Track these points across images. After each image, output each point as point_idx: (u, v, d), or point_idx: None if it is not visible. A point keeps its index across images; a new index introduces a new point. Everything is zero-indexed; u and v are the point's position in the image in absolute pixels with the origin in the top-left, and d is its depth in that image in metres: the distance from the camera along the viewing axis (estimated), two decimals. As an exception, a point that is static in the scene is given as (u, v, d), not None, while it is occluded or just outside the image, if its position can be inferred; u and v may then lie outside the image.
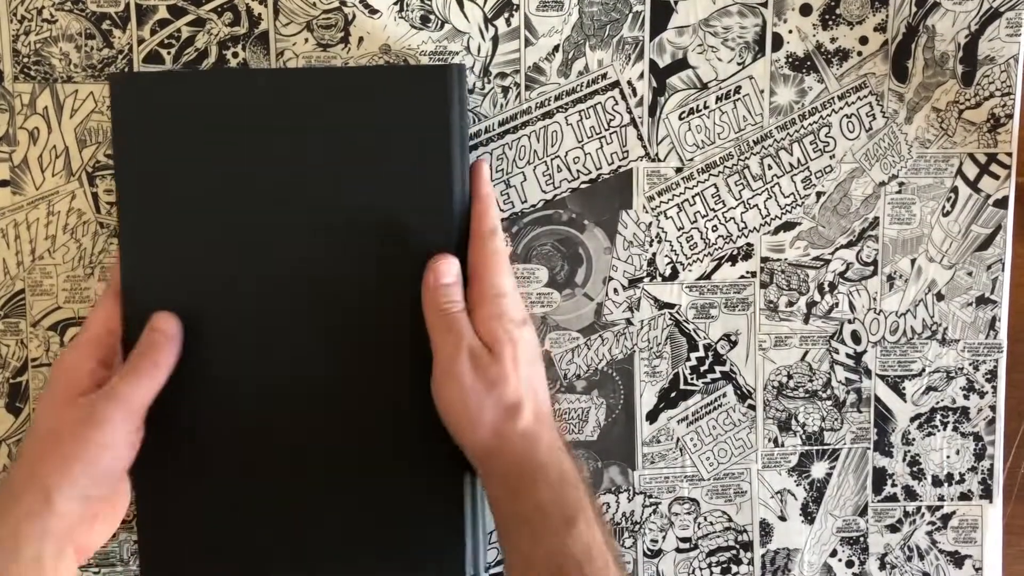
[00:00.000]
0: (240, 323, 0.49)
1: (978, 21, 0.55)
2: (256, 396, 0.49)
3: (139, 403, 0.45)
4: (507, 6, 0.54)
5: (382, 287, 0.48)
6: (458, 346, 0.46)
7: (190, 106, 0.48)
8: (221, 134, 0.48)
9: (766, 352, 0.57)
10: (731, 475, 0.57)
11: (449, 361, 0.46)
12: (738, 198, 0.56)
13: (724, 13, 0.55)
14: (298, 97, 0.48)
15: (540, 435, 0.45)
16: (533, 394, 0.47)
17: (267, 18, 0.54)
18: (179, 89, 0.49)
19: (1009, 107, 0.56)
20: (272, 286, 0.49)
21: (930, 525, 0.58)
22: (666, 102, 0.55)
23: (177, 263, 0.49)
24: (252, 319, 0.49)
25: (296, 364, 0.49)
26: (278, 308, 0.49)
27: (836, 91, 0.56)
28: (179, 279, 0.49)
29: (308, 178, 0.48)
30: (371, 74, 0.51)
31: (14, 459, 0.54)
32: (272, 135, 0.48)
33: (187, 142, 0.48)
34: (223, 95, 0.49)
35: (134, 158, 0.49)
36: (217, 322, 0.49)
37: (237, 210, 0.49)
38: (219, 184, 0.48)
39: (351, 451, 0.49)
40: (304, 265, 0.49)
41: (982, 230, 0.57)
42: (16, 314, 0.54)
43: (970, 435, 0.58)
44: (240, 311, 0.49)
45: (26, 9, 0.53)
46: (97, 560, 0.56)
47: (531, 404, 0.46)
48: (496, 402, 0.45)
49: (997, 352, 0.58)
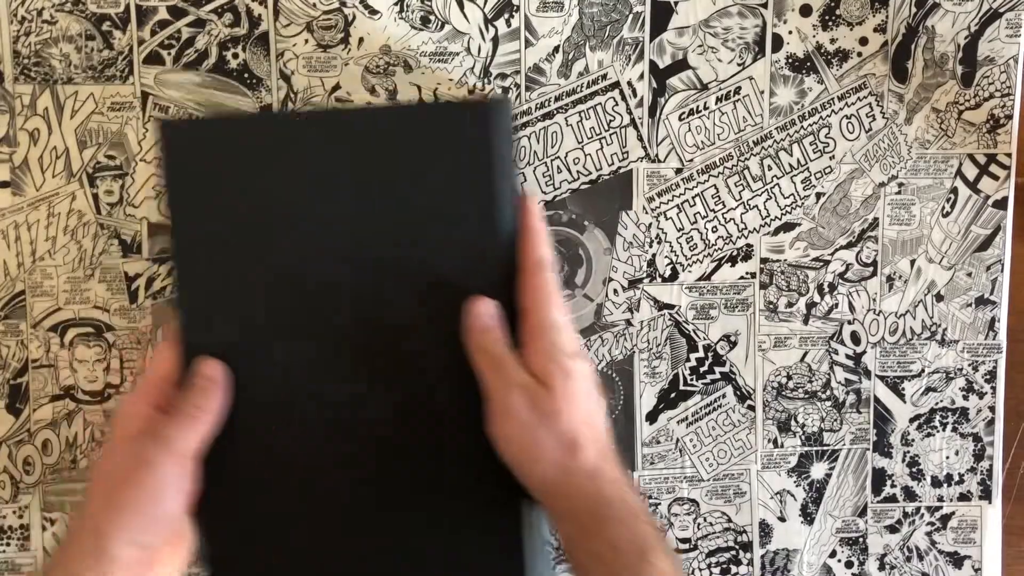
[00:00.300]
0: (295, 364, 0.48)
1: (978, 22, 0.55)
2: (312, 436, 0.48)
3: (186, 447, 0.45)
4: (507, 7, 0.54)
5: (431, 323, 0.48)
6: (509, 384, 0.45)
7: (238, 148, 0.48)
8: (268, 176, 0.48)
9: (766, 353, 0.57)
10: (731, 476, 0.58)
11: (503, 399, 0.45)
12: (738, 199, 0.56)
13: (724, 14, 0.55)
14: (343, 138, 0.48)
15: (604, 470, 0.45)
16: (591, 428, 0.46)
17: (267, 19, 0.54)
18: (228, 132, 0.49)
19: (1009, 108, 0.56)
20: (324, 325, 0.48)
21: (929, 526, 0.59)
22: (666, 103, 0.55)
23: (231, 306, 0.48)
24: (306, 360, 0.48)
25: (350, 402, 0.48)
26: (331, 347, 0.48)
27: (836, 92, 0.56)
28: (233, 322, 0.48)
29: (356, 217, 0.48)
30: (416, 112, 0.51)
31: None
32: (319, 176, 0.48)
33: (237, 185, 0.48)
34: (268, 137, 0.48)
35: (187, 204, 0.48)
36: (272, 364, 0.48)
37: (287, 251, 0.48)
38: (269, 226, 0.48)
39: (408, 486, 0.49)
40: (355, 303, 0.48)
41: (981, 231, 0.57)
42: (16, 315, 0.54)
43: (969, 436, 0.58)
44: (295, 352, 0.48)
45: (26, 10, 0.53)
46: (97, 560, 0.56)
47: (591, 438, 0.45)
48: (554, 436, 0.44)
49: (996, 353, 0.58)
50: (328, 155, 0.48)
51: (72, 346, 0.55)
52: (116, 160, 0.54)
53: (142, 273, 0.55)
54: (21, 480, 0.55)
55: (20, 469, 0.55)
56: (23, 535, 0.56)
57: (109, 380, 0.55)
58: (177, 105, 0.54)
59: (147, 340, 0.55)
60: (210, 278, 0.48)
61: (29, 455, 0.55)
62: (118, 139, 0.54)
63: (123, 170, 0.54)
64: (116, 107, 0.54)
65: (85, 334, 0.55)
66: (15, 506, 0.56)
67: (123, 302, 0.55)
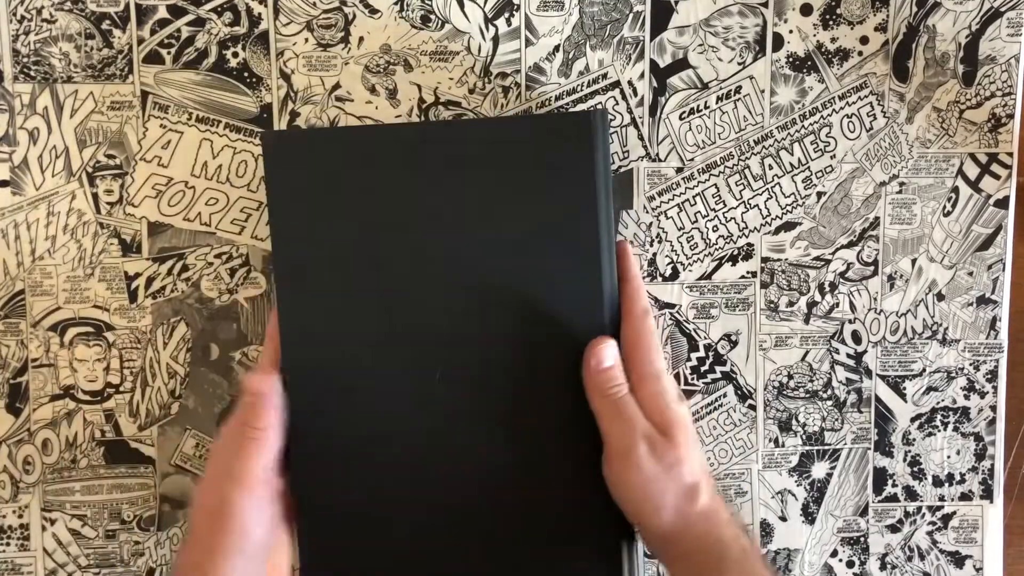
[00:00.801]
0: (396, 390, 0.48)
1: (979, 21, 0.55)
2: (412, 464, 0.48)
3: (256, 474, 0.46)
4: (508, 6, 0.54)
5: (539, 353, 0.48)
6: (632, 432, 0.46)
7: (342, 162, 0.48)
8: (372, 191, 0.48)
9: (767, 352, 0.57)
10: (732, 475, 0.57)
11: (625, 448, 0.46)
12: (739, 198, 0.56)
13: (725, 13, 0.55)
14: (444, 151, 0.48)
15: (718, 512, 0.46)
16: (706, 474, 0.47)
17: (267, 18, 0.53)
18: (331, 145, 0.49)
19: (1010, 107, 0.56)
20: (427, 351, 0.48)
21: (931, 525, 0.58)
22: (667, 102, 0.55)
23: (333, 326, 0.48)
24: (408, 385, 0.48)
25: (451, 430, 0.48)
26: (435, 375, 0.48)
27: (837, 91, 0.56)
28: (335, 343, 0.48)
29: (462, 236, 0.48)
30: (516, 125, 0.51)
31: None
32: (420, 191, 0.48)
33: (339, 200, 0.48)
34: (371, 150, 0.48)
35: (289, 218, 0.48)
36: (373, 388, 0.48)
37: (388, 269, 0.48)
38: (373, 243, 0.48)
39: (511, 519, 0.48)
40: (460, 326, 0.48)
41: (983, 230, 0.57)
42: (16, 314, 0.54)
43: (971, 435, 0.58)
44: (397, 376, 0.48)
45: (26, 9, 0.53)
46: (97, 560, 0.56)
47: (706, 482, 0.46)
48: (677, 485, 0.45)
49: (998, 352, 0.58)
50: (431, 170, 0.48)
51: (72, 345, 0.55)
52: (116, 159, 0.54)
53: (142, 272, 0.55)
54: (21, 480, 0.55)
55: (20, 469, 0.55)
56: (23, 535, 0.56)
57: (109, 380, 0.55)
58: (177, 104, 0.54)
59: (147, 340, 0.55)
60: (310, 296, 0.48)
61: (29, 455, 0.55)
62: (118, 138, 0.54)
63: (123, 169, 0.54)
64: (116, 106, 0.54)
65: (85, 333, 0.55)
66: (15, 506, 0.55)
67: (123, 302, 0.55)
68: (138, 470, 0.56)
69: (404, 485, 0.49)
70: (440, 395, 0.48)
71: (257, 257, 0.55)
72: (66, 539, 0.56)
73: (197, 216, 0.55)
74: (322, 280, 0.48)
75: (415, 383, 0.48)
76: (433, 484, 0.48)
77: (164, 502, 0.56)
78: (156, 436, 0.56)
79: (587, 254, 0.48)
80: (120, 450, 0.56)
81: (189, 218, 0.55)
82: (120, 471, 0.56)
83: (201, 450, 0.56)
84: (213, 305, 0.55)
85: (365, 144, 0.49)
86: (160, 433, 0.56)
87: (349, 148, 0.48)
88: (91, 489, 0.56)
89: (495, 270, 0.48)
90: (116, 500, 0.56)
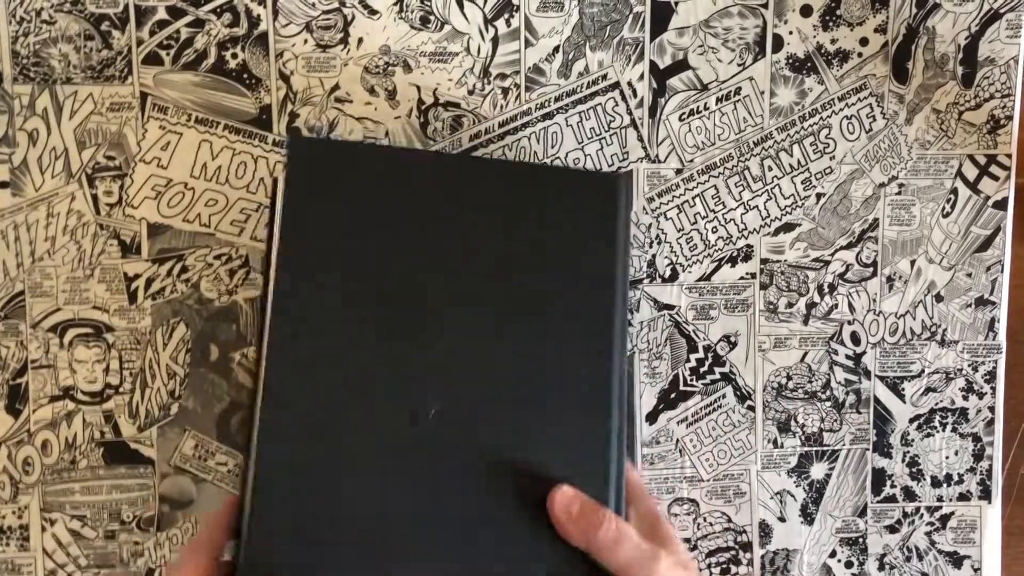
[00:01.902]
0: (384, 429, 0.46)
1: (978, 22, 0.55)
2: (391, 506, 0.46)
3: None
4: (507, 7, 0.54)
5: (526, 418, 0.46)
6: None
7: (362, 182, 0.47)
8: (388, 214, 0.47)
9: (766, 353, 0.57)
10: (730, 476, 0.58)
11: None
12: (738, 199, 0.56)
13: (724, 14, 0.55)
14: (466, 188, 0.47)
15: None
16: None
17: (266, 19, 0.53)
18: (356, 160, 0.48)
19: (1009, 109, 0.56)
20: (415, 393, 0.46)
21: (929, 526, 0.59)
22: (666, 103, 0.55)
23: (327, 348, 0.46)
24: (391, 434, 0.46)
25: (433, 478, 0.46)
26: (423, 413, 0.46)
27: (836, 92, 0.56)
28: (329, 369, 0.46)
29: (470, 272, 0.47)
30: (546, 173, 0.51)
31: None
32: (438, 222, 0.47)
33: (353, 216, 0.47)
34: (397, 172, 0.47)
35: (299, 224, 0.46)
36: (361, 424, 0.46)
37: (390, 302, 0.46)
38: (377, 272, 0.47)
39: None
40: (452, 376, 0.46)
41: (981, 231, 0.57)
42: (16, 315, 0.54)
43: (969, 436, 0.58)
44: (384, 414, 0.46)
45: (25, 10, 0.52)
46: (97, 561, 0.56)
47: None
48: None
49: (996, 353, 0.58)
50: (453, 202, 0.47)
51: (71, 346, 0.55)
52: (115, 160, 0.54)
53: (141, 273, 0.55)
54: (21, 480, 0.55)
55: (20, 469, 0.55)
56: (23, 535, 0.56)
57: (108, 381, 0.55)
58: (176, 105, 0.54)
59: (146, 341, 0.55)
60: (306, 313, 0.46)
61: (29, 455, 0.55)
62: (117, 139, 0.54)
63: (122, 170, 0.54)
64: (115, 107, 0.53)
65: (84, 334, 0.55)
66: (15, 506, 0.56)
67: (122, 302, 0.55)
68: (137, 471, 0.56)
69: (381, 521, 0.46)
70: (430, 442, 0.46)
71: (257, 258, 0.55)
72: (66, 540, 0.56)
73: (196, 217, 0.55)
74: (316, 297, 0.46)
75: (401, 431, 0.46)
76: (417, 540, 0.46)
77: (163, 503, 0.56)
78: (155, 437, 0.56)
79: (597, 329, 0.47)
80: (120, 451, 0.56)
81: (188, 219, 0.55)
82: (120, 472, 0.56)
83: (201, 451, 0.56)
84: (212, 306, 0.55)
85: (391, 164, 0.48)
86: (159, 434, 0.56)
87: (374, 168, 0.47)
88: (91, 490, 0.56)
89: (500, 325, 0.47)
90: (116, 501, 0.56)
